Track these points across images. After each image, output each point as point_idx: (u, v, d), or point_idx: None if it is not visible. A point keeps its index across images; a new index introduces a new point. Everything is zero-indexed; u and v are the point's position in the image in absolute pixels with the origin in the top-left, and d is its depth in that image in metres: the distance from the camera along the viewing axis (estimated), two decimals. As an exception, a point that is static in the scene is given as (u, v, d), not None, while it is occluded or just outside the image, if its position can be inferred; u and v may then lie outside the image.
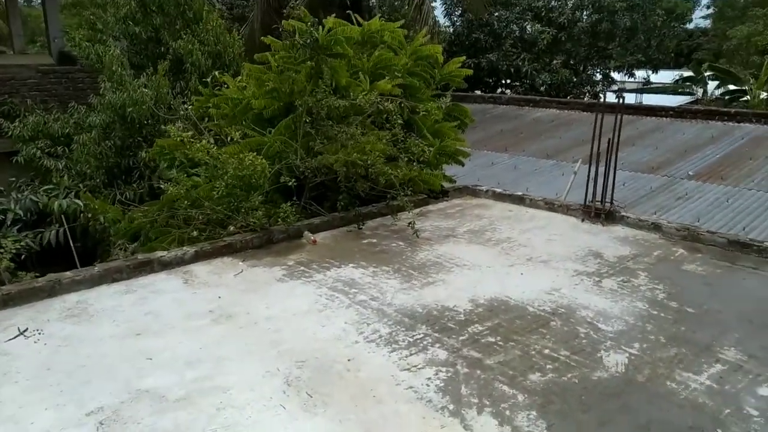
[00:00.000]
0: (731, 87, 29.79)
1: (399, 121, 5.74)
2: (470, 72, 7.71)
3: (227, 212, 5.13)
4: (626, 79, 26.23)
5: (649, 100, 28.97)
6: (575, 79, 23.61)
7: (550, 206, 6.28)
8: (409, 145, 6.02)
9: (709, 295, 4.16)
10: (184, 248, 4.61)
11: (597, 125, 5.76)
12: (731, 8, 39.99)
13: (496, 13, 22.25)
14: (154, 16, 9.42)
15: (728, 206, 7.92)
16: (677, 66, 38.82)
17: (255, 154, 5.20)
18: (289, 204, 5.35)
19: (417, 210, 6.00)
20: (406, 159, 6.10)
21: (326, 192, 6.23)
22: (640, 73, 28.09)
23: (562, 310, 3.88)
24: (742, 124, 11.66)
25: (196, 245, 4.71)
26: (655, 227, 5.49)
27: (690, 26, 42.15)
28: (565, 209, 6.14)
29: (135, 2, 9.31)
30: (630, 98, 26.86)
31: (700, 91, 36.34)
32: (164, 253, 4.52)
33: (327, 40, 5.68)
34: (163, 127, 8.46)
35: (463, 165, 7.22)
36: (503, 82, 24.30)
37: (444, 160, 6.91)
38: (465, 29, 23.01)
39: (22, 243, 6.89)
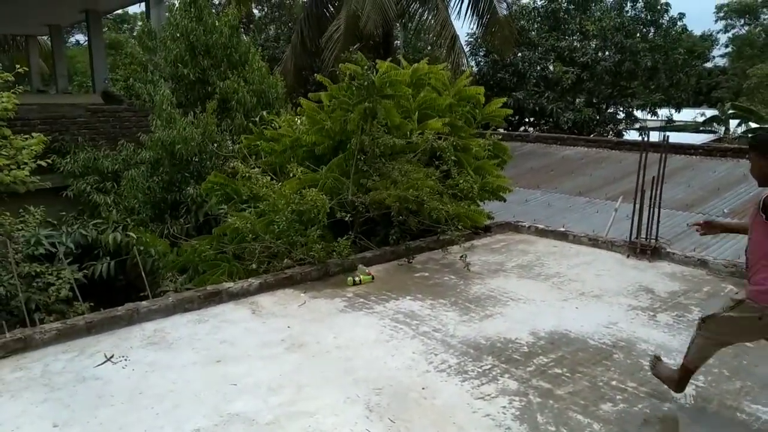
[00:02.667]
0: (753, 125, 29.82)
1: (453, 158, 5.96)
2: (510, 111, 7.96)
3: (286, 245, 5.34)
4: (649, 118, 26.41)
5: (673, 138, 28.96)
6: (598, 118, 23.87)
7: (594, 242, 6.40)
8: (457, 181, 6.22)
9: (766, 331, 4.23)
10: (250, 280, 4.81)
11: (641, 162, 5.91)
12: (750, 47, 40.25)
13: (520, 54, 22.73)
14: (201, 58, 9.87)
15: None
16: (697, 104, 38.97)
17: (315, 189, 5.43)
18: (344, 238, 5.55)
19: (464, 245, 6.16)
20: (449, 194, 6.32)
21: (375, 226, 6.44)
22: (662, 112, 28.24)
23: (623, 343, 3.98)
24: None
25: (260, 277, 4.91)
26: (702, 263, 5.58)
27: (708, 65, 42.41)
28: (610, 245, 6.26)
29: (184, 46, 9.77)
30: (653, 136, 27.00)
31: (722, 130, 36.35)
32: (231, 284, 4.73)
33: (381, 82, 5.96)
34: (209, 163, 8.86)
35: (504, 201, 7.39)
36: (527, 120, 24.66)
37: (486, 196, 7.10)
38: (490, 69, 23.52)
39: (78, 275, 7.17)
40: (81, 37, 35.35)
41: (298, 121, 7.62)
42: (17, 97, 6.27)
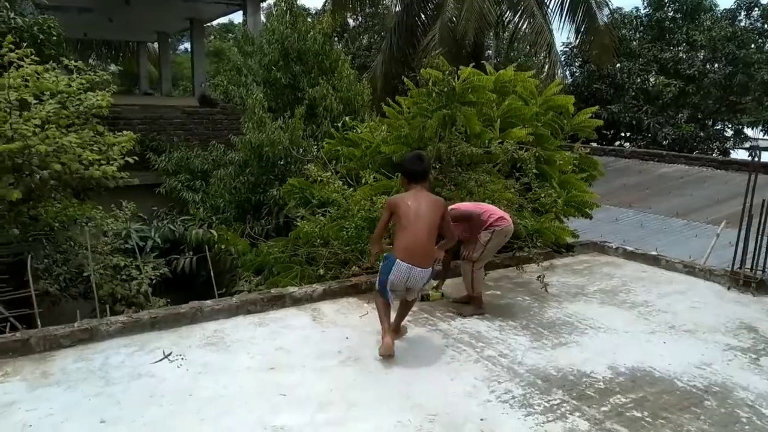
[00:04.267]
0: None
1: (534, 170, 5.62)
2: (601, 123, 7.46)
3: (355, 252, 5.22)
4: (761, 137, 24.25)
5: (790, 159, 26.50)
6: (702, 134, 22.22)
7: (690, 270, 5.81)
8: (539, 195, 5.86)
9: None
10: (314, 286, 4.72)
11: (750, 184, 5.30)
12: None
13: (619, 64, 21.61)
14: (293, 64, 10.05)
15: None
16: None
17: (386, 197, 5.27)
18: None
19: (543, 263, 5.78)
20: (530, 209, 5.96)
21: (441, 238, 6.18)
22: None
23: (716, 388, 3.50)
24: None
25: (324, 283, 4.81)
26: (820, 302, 4.89)
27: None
28: (708, 274, 5.65)
29: (278, 51, 9.99)
30: (765, 157, 24.77)
31: None
32: (295, 289, 4.65)
33: (462, 88, 5.73)
34: (293, 167, 8.97)
35: (591, 218, 6.90)
36: (622, 134, 23.39)
37: (571, 212, 6.66)
38: (585, 79, 22.55)
39: (161, 270, 7.43)
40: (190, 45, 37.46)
41: (383, 127, 7.54)
42: (115, 97, 6.57)
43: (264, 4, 14.34)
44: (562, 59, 23.08)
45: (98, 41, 22.97)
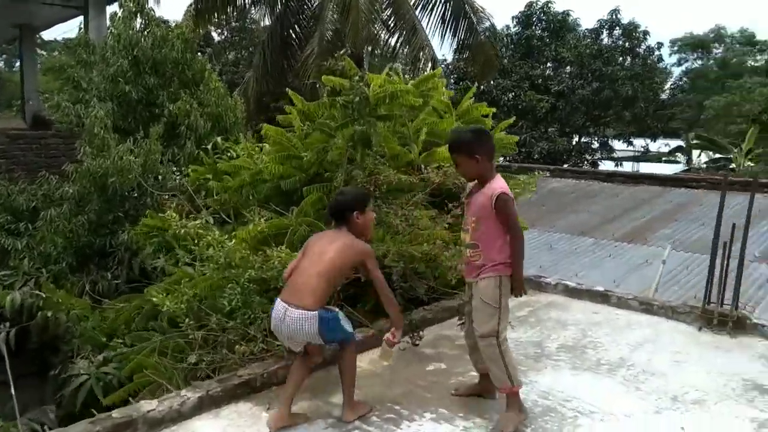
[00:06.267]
0: (714, 155, 29.72)
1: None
2: (517, 138, 6.57)
3: (242, 328, 3.68)
4: (625, 148, 25.77)
5: (645, 169, 28.53)
6: (572, 147, 23.04)
7: (647, 308, 4.94)
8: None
9: None
10: (184, 393, 3.11)
11: (722, 205, 4.54)
12: (704, 79, 40.87)
13: (493, 81, 21.78)
14: (147, 76, 8.22)
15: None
16: (652, 136, 38.39)
17: (282, 248, 3.80)
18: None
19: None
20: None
21: (363, 289, 4.83)
22: (637, 142, 27.76)
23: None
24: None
25: (198, 387, 3.21)
26: (808, 342, 4.17)
27: (663, 97, 42.93)
28: (670, 312, 4.81)
29: (127, 61, 8.12)
30: (627, 167, 26.33)
31: (684, 159, 36.33)
32: (152, 404, 3.00)
33: (377, 99, 4.44)
34: (148, 200, 7.14)
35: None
36: (499, 150, 23.64)
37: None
38: (460, 97, 22.48)
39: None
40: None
41: (263, 150, 6.09)
42: None
43: (110, 8, 12.13)
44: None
45: None
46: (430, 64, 14.55)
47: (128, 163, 6.79)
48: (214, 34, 26.76)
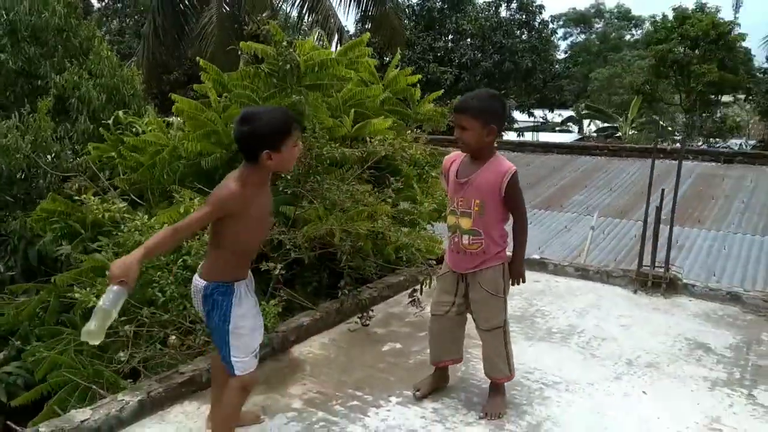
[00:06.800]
0: (602, 124, 31.78)
1: (415, 173, 4.26)
2: (446, 110, 6.45)
3: (177, 321, 3.28)
4: (526, 118, 26.75)
5: (543, 138, 29.86)
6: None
7: (583, 274, 5.04)
8: (397, 200, 4.50)
9: None
10: (121, 397, 2.69)
11: (652, 174, 4.66)
12: (587, 52, 43.45)
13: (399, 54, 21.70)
14: (26, 44, 7.25)
15: (726, 253, 7.25)
16: (549, 107, 40.38)
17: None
18: (268, 299, 3.60)
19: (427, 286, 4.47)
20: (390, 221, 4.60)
21: (301, 271, 4.53)
22: (537, 113, 28.89)
23: (760, 461, 2.53)
24: (675, 161, 11.45)
25: (137, 390, 2.81)
26: (734, 298, 4.40)
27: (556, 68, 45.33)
28: (605, 276, 4.92)
29: (1, 28, 7.11)
30: (528, 137, 27.39)
31: (576, 128, 38.48)
32: (86, 413, 2.56)
33: (307, 67, 4.08)
34: (41, 182, 6.35)
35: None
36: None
37: (435, 216, 5.49)
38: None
39: None
40: None
41: (171, 124, 5.55)
42: None
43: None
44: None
45: None
46: (336, 35, 14.12)
47: (14, 141, 5.96)
48: (94, 1, 24.52)
